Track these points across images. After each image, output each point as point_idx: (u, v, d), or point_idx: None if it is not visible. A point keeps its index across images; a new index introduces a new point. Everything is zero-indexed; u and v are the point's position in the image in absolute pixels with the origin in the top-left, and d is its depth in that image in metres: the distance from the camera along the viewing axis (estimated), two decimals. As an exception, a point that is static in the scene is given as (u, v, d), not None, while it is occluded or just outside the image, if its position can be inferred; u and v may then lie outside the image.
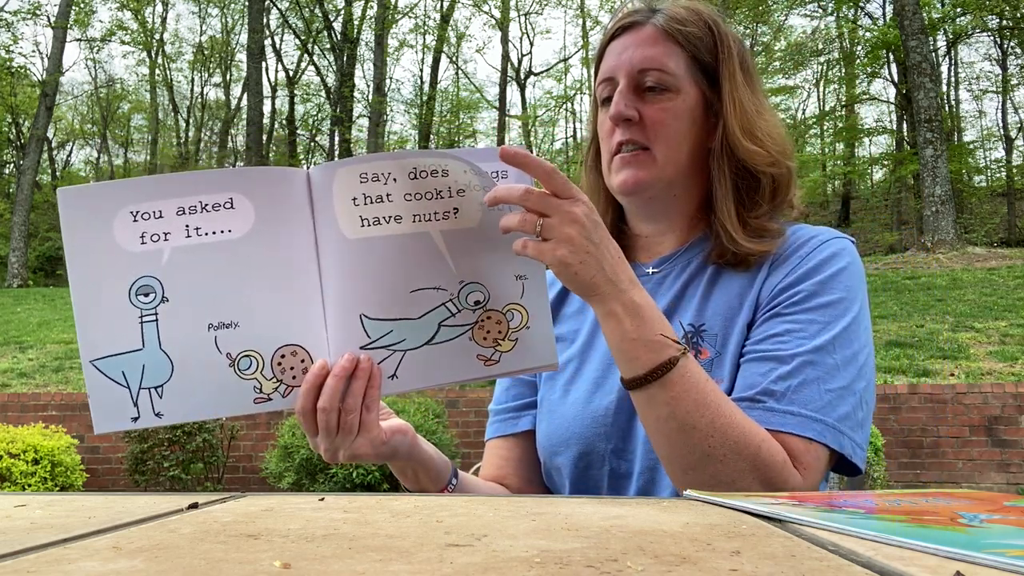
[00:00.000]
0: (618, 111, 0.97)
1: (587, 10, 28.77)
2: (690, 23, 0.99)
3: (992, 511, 0.55)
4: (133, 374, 0.74)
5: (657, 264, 1.04)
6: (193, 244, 0.75)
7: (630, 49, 0.99)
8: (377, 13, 23.94)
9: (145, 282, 0.74)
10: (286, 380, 0.77)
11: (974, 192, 22.33)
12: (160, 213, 0.75)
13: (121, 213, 0.74)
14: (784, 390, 0.86)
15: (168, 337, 0.74)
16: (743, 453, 0.81)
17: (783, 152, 0.99)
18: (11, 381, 8.10)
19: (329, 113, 27.80)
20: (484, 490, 1.06)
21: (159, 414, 0.74)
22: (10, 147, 26.36)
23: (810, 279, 0.92)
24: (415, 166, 0.77)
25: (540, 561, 0.38)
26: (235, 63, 29.85)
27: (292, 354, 0.77)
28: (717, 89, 0.99)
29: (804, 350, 0.88)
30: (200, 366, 0.75)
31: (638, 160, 0.98)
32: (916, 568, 0.36)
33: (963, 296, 9.66)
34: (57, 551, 0.40)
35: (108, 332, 0.74)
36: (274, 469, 5.74)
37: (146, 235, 0.74)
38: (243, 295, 0.75)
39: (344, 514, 0.53)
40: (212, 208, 0.75)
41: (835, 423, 0.86)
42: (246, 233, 0.76)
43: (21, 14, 22.35)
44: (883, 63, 21.94)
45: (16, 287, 16.97)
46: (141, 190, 0.75)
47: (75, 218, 0.74)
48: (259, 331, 0.76)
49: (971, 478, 6.29)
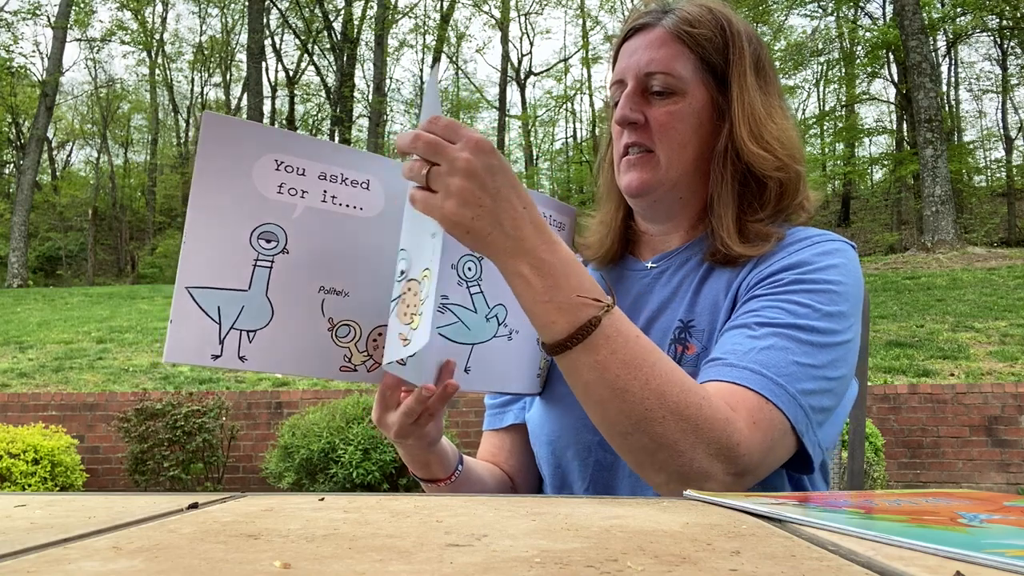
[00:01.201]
0: (623, 114, 0.98)
1: (587, 10, 28.79)
2: (701, 24, 0.98)
3: (992, 511, 0.55)
4: (229, 312, 0.73)
5: (656, 260, 1.05)
6: (327, 208, 0.77)
7: (639, 52, 0.99)
8: (377, 13, 23.95)
9: (271, 229, 0.75)
10: (376, 356, 0.80)
11: (974, 192, 22.35)
12: (304, 171, 0.76)
13: (265, 158, 0.75)
14: (747, 350, 0.83)
15: (277, 286, 0.75)
16: (684, 413, 0.74)
17: (792, 156, 0.98)
18: (11, 381, 8.10)
19: (329, 113, 27.82)
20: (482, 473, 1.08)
21: (243, 357, 0.74)
22: (10, 147, 26.37)
23: (797, 268, 0.91)
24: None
25: (540, 561, 0.38)
26: (235, 63, 29.87)
27: None
28: (727, 91, 0.98)
29: (779, 322, 0.86)
30: (300, 322, 0.76)
31: (643, 162, 0.98)
32: (916, 568, 0.36)
33: (963, 296, 9.66)
34: (57, 551, 0.40)
35: (216, 265, 0.73)
36: (274, 469, 5.74)
37: (284, 186, 0.76)
38: (358, 269, 0.79)
39: (344, 514, 0.53)
40: (351, 184, 0.79)
41: (795, 392, 0.81)
42: (375, 215, 0.80)
43: (21, 14, 22.37)
44: (883, 63, 21.95)
45: (16, 287, 16.97)
46: (290, 143, 0.77)
47: (215, 146, 0.73)
48: (364, 306, 0.79)
49: (971, 478, 6.29)
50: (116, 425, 6.37)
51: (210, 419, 6.31)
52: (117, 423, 6.35)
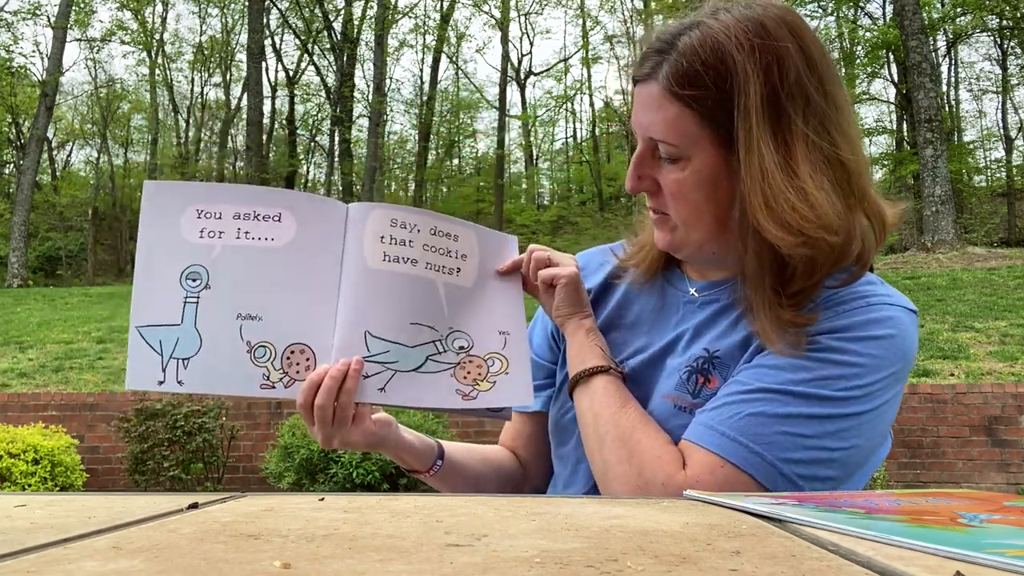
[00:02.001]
0: (632, 186, 0.92)
1: (587, 10, 28.77)
2: (696, 76, 0.83)
3: (992, 511, 0.55)
4: (168, 344, 0.85)
5: (703, 288, 0.99)
6: (241, 245, 0.88)
7: (639, 112, 0.90)
8: (377, 13, 23.94)
9: (195, 269, 0.87)
10: (291, 373, 0.87)
11: (974, 192, 22.34)
12: (220, 215, 0.88)
13: (189, 210, 0.88)
14: (731, 414, 0.83)
15: (203, 318, 0.86)
16: (628, 441, 0.88)
17: (824, 226, 0.80)
18: (11, 381, 8.11)
19: (329, 113, 27.82)
20: (477, 470, 1.10)
21: (180, 382, 0.85)
22: (10, 147, 26.36)
23: (837, 334, 0.84)
24: (436, 225, 0.94)
25: (540, 561, 0.38)
26: (235, 63, 29.85)
27: (300, 352, 0.88)
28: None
29: (780, 389, 0.82)
30: (223, 348, 0.86)
31: (664, 223, 0.93)
32: (916, 568, 0.36)
33: (963, 296, 9.66)
34: (57, 551, 0.40)
35: (156, 305, 0.86)
36: (274, 469, 5.74)
37: (205, 231, 0.88)
38: (272, 294, 0.88)
39: (344, 514, 0.53)
40: (263, 218, 0.89)
41: (774, 460, 0.80)
42: (286, 244, 0.89)
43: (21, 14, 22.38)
44: (883, 63, 21.95)
45: (16, 287, 16.97)
46: (210, 193, 0.90)
47: (152, 207, 0.88)
48: (277, 327, 0.87)
49: (971, 478, 6.29)
50: (116, 425, 6.38)
51: (210, 419, 6.31)
52: (117, 423, 6.35)
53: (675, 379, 0.93)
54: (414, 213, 0.94)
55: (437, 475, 1.06)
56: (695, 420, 0.87)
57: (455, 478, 1.08)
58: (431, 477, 1.06)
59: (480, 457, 1.12)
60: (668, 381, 0.94)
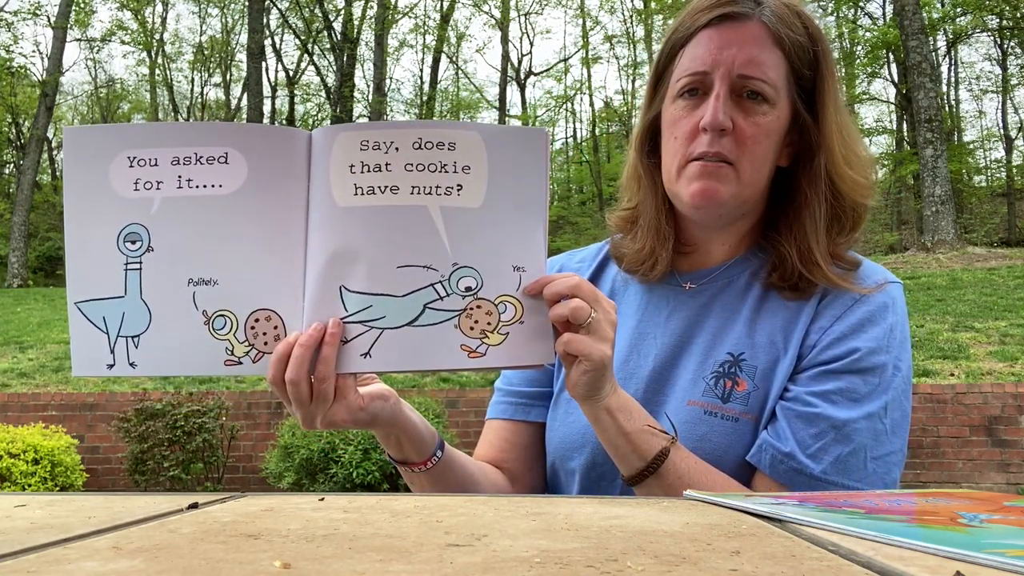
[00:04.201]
0: (715, 119, 0.87)
1: (587, 10, 28.78)
2: (795, 28, 0.89)
3: (992, 511, 0.55)
4: (113, 321, 0.73)
5: (695, 278, 0.99)
6: (183, 196, 0.73)
7: (734, 47, 0.87)
8: (377, 13, 23.95)
9: (133, 229, 0.73)
10: (257, 345, 0.74)
11: (974, 192, 22.34)
12: (156, 161, 0.73)
13: (119, 158, 0.73)
14: (833, 459, 0.85)
15: (150, 287, 0.73)
16: None
17: (873, 183, 0.95)
18: (11, 381, 8.10)
19: (329, 113, 27.80)
20: (471, 470, 0.99)
21: (133, 364, 0.73)
22: (10, 147, 26.36)
23: (866, 332, 0.89)
24: (421, 136, 0.74)
25: (540, 561, 0.38)
26: (235, 63, 29.85)
27: (266, 319, 0.74)
28: (810, 106, 0.92)
29: (858, 415, 0.86)
30: (176, 321, 0.73)
31: (720, 173, 0.89)
32: (916, 568, 0.36)
33: (963, 296, 9.66)
34: (57, 551, 0.40)
35: (94, 276, 0.73)
36: (274, 469, 5.74)
37: (139, 182, 0.73)
38: (225, 253, 0.73)
39: (344, 514, 0.53)
40: (206, 161, 0.73)
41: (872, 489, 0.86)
42: (236, 190, 0.73)
43: (21, 14, 22.36)
44: (883, 63, 21.94)
45: (16, 287, 16.96)
46: (141, 136, 0.74)
47: (75, 158, 0.73)
48: (236, 291, 0.74)
49: (971, 478, 6.29)
50: (116, 425, 6.37)
51: (210, 419, 6.31)
52: (117, 423, 6.35)
53: (701, 385, 0.93)
54: (390, 128, 0.76)
55: (432, 470, 0.92)
56: (783, 460, 0.86)
57: (450, 477, 0.95)
58: (425, 472, 0.92)
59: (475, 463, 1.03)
60: (694, 387, 0.93)
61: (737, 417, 0.90)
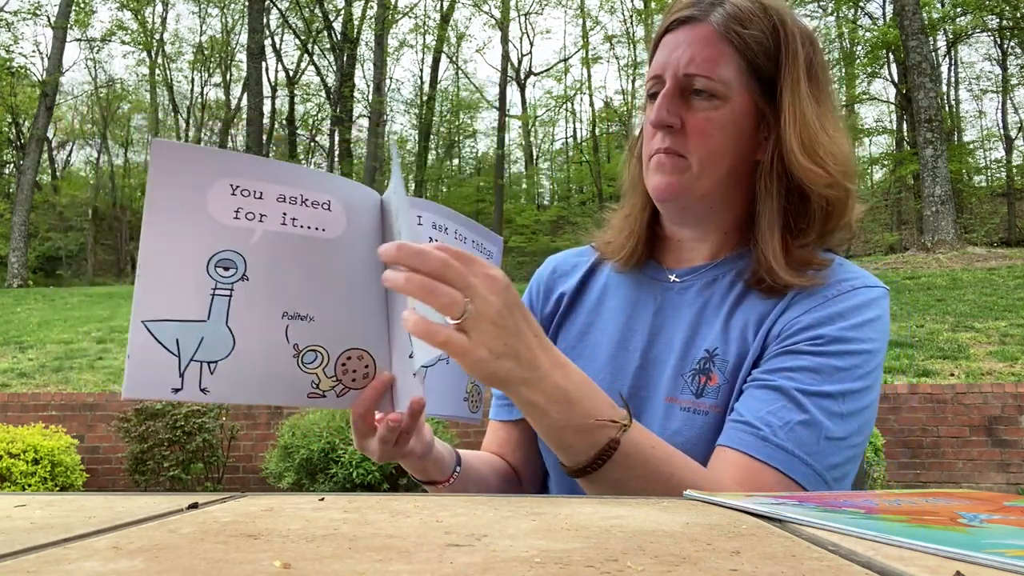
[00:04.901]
0: (659, 117, 0.92)
1: (587, 10, 28.77)
2: (752, 23, 0.91)
3: (992, 511, 0.55)
4: (188, 344, 0.71)
5: (682, 274, 1.01)
6: (287, 232, 0.74)
7: (681, 47, 0.92)
8: (377, 13, 23.96)
9: (229, 256, 0.72)
10: (345, 381, 0.77)
11: (974, 192, 22.34)
12: (261, 194, 0.74)
13: (220, 183, 0.72)
14: (782, 423, 0.84)
15: (237, 315, 0.72)
16: None
17: (845, 173, 0.91)
18: (11, 381, 8.10)
19: (329, 113, 27.83)
20: (484, 472, 1.04)
21: (204, 390, 0.71)
22: (10, 147, 26.37)
23: (836, 323, 0.88)
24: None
25: (540, 561, 0.38)
26: (235, 63, 29.85)
27: (358, 358, 0.78)
28: (774, 99, 0.92)
29: (814, 391, 0.85)
30: (263, 351, 0.73)
31: (674, 165, 0.93)
32: (916, 568, 0.36)
33: (963, 296, 9.66)
34: (57, 551, 0.40)
35: (172, 296, 0.71)
36: (274, 469, 5.74)
37: (241, 211, 0.73)
38: (323, 292, 0.76)
39: (344, 514, 0.53)
40: (312, 205, 0.76)
41: (821, 470, 0.84)
42: (337, 236, 0.77)
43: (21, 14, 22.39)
44: (883, 63, 21.96)
45: (16, 287, 16.97)
46: (245, 166, 0.74)
47: (166, 173, 0.71)
48: (330, 330, 0.76)
49: (971, 478, 6.29)
50: (116, 425, 6.38)
51: (210, 419, 6.31)
52: (117, 423, 6.35)
53: (679, 383, 0.93)
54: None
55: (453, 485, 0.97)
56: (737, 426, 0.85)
57: (469, 486, 1.00)
58: (446, 487, 0.96)
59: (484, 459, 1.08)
60: (672, 384, 0.94)
61: (708, 411, 0.91)
